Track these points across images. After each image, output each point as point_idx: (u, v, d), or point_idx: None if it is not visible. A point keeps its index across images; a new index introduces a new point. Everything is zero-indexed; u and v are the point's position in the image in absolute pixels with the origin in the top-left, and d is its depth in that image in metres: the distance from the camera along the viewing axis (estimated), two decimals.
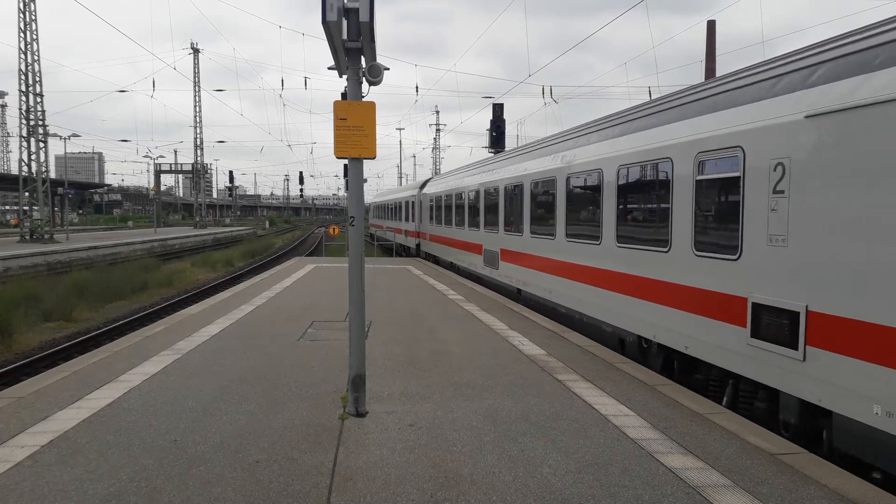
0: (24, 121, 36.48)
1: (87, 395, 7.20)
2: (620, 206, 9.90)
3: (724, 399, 7.54)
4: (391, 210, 42.34)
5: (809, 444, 6.16)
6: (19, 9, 35.45)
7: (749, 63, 7.90)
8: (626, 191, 9.76)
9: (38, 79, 36.25)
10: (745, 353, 6.90)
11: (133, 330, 14.43)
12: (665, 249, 8.53)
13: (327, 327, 11.51)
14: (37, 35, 36.01)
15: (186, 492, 4.78)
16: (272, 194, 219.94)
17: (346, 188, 11.63)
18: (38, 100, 36.48)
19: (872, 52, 5.66)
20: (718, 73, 22.79)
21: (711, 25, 24.24)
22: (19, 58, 35.52)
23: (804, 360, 6.07)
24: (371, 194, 63.78)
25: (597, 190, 10.59)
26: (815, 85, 6.17)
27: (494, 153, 28.42)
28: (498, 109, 31.00)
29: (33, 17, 35.88)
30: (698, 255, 7.82)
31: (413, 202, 32.77)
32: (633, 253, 9.41)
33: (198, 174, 73.82)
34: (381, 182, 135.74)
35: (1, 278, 23.40)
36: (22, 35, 35.60)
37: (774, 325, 6.46)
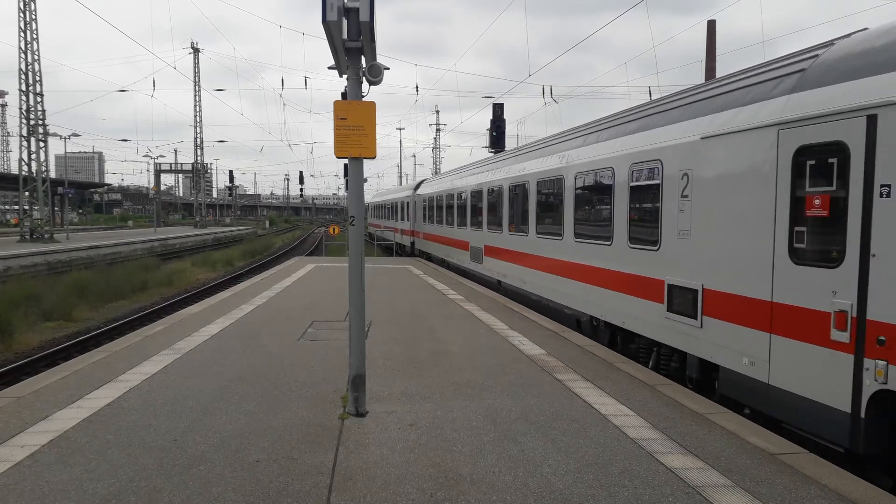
0: (24, 120, 36.49)
1: (87, 394, 7.20)
2: (577, 208, 11.75)
3: (650, 363, 9.18)
4: (388, 210, 43.90)
5: (705, 392, 7.83)
6: (19, 8, 35.46)
7: (747, 63, 9.04)
8: (581, 194, 11.59)
9: (38, 78, 36.26)
10: (663, 324, 8.64)
11: (133, 329, 14.43)
12: (609, 243, 10.29)
13: (327, 327, 11.51)
14: (37, 34, 36.02)
15: (186, 491, 4.78)
16: (272, 194, 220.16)
17: (346, 188, 11.64)
18: (39, 99, 36.49)
19: (746, 91, 7.38)
20: (719, 73, 22.79)
21: (712, 25, 24.24)
22: (19, 57, 35.53)
23: (701, 326, 7.81)
24: (371, 194, 63.84)
25: (560, 194, 12.43)
26: (707, 113, 7.92)
27: (495, 153, 28.46)
28: (498, 109, 31.02)
29: (33, 17, 35.89)
30: (631, 247, 9.57)
31: (408, 203, 34.27)
32: (587, 246, 11.23)
33: (198, 174, 73.83)
34: (381, 181, 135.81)
35: (1, 278, 23.40)
36: (22, 35, 35.61)
37: (682, 301, 8.21)
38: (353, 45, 6.18)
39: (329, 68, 6.82)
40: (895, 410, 5.41)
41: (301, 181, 70.22)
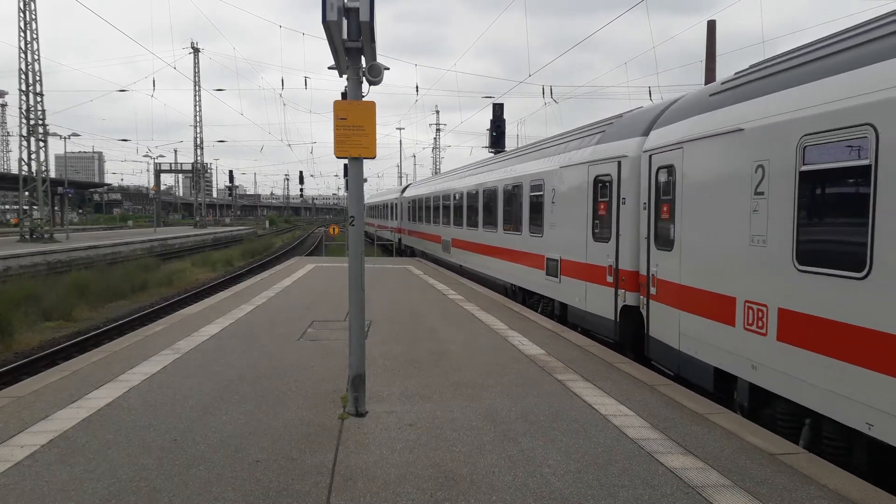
0: (24, 120, 36.49)
1: (86, 394, 7.20)
2: (504, 209, 16.75)
3: (539, 308, 14.07)
4: (380, 210, 49.71)
5: (562, 321, 12.52)
6: (19, 8, 35.45)
7: (747, 62, 10.31)
8: (507, 200, 16.52)
9: (38, 78, 36.26)
10: (544, 283, 13.59)
11: (133, 329, 14.43)
12: (519, 233, 15.37)
13: (327, 327, 11.51)
14: (37, 34, 36.02)
15: (186, 491, 4.78)
16: (272, 194, 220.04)
17: (346, 188, 11.66)
18: (38, 99, 36.49)
19: (580, 141, 12.15)
20: (718, 74, 22.78)
21: (712, 25, 24.21)
22: (19, 57, 35.53)
23: (560, 282, 12.59)
24: (369, 194, 64.19)
25: (496, 199, 17.48)
26: (563, 153, 12.85)
27: (495, 153, 28.50)
28: (498, 109, 31.00)
29: (33, 17, 35.88)
30: (531, 235, 14.43)
31: (397, 204, 39.48)
32: (510, 235, 16.13)
33: (198, 174, 73.82)
34: (381, 181, 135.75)
35: (1, 278, 23.40)
36: (22, 34, 35.60)
37: (552, 267, 13.00)
38: (353, 45, 6.17)
39: (329, 68, 6.82)
40: (629, 316, 9.99)
41: (301, 181, 70.24)
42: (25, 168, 37.50)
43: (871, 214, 5.21)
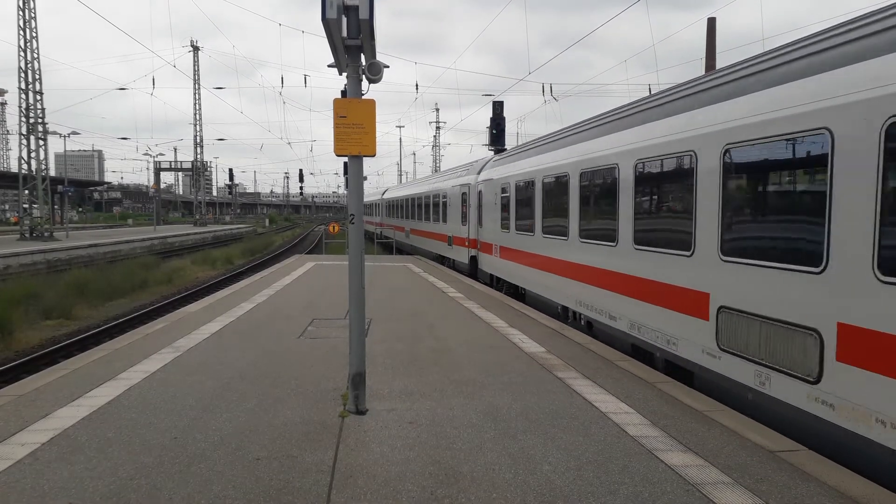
0: (23, 118, 36.45)
1: (87, 392, 7.21)
2: (431, 208, 26.26)
3: (446, 264, 24.27)
4: (366, 208, 60.14)
5: (456, 270, 22.64)
6: (19, 6, 35.41)
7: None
8: (429, 203, 26.63)
9: (37, 76, 36.23)
10: (447, 249, 24.14)
11: (133, 328, 14.44)
12: (437, 223, 25.84)
13: (327, 325, 11.52)
14: (36, 32, 35.99)
15: (186, 489, 4.79)
16: (272, 192, 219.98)
17: (346, 186, 11.68)
18: (38, 97, 36.47)
19: (468, 167, 23.27)
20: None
21: (712, 23, 24.19)
22: (19, 55, 35.49)
23: (451, 248, 23.37)
24: (370, 192, 64.41)
25: (425, 203, 27.40)
26: (452, 178, 24.67)
27: (496, 151, 28.51)
28: (498, 107, 30.90)
29: (32, 15, 35.84)
30: (440, 223, 24.98)
31: (379, 203, 50.80)
32: (433, 224, 26.46)
33: (197, 172, 73.78)
34: (381, 179, 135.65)
35: (1, 276, 23.40)
36: (21, 33, 35.56)
37: (449, 239, 23.46)
38: (352, 42, 6.16)
39: (329, 66, 6.81)
40: (473, 260, 20.46)
41: (301, 179, 70.17)
42: (25, 166, 37.51)
43: (478, 212, 18.33)
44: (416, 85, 46.76)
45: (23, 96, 36.07)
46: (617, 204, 9.65)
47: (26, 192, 38.11)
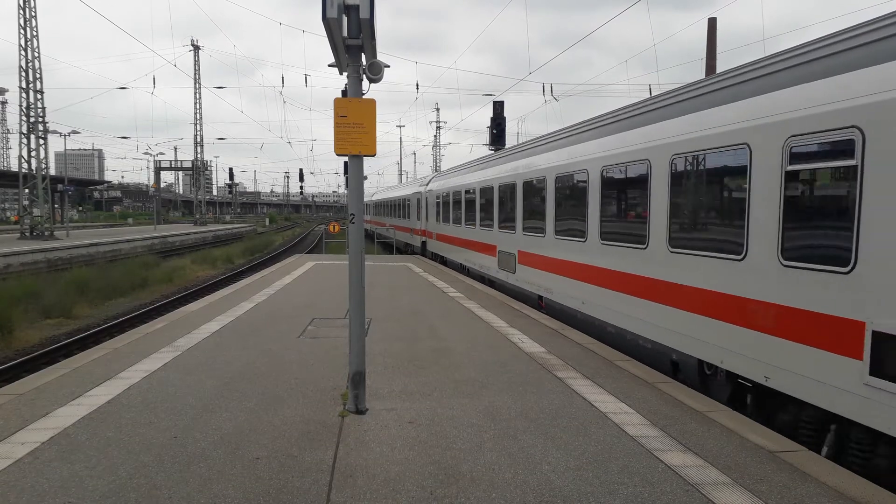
0: (24, 117, 36.45)
1: (87, 391, 7.21)
2: (402, 209, 35.48)
3: (419, 252, 30.55)
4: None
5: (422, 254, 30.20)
6: (19, 5, 35.40)
7: (747, 60, 9.58)
8: (399, 205, 36.58)
9: (38, 75, 36.22)
10: (411, 239, 32.65)
11: (133, 327, 14.44)
12: (406, 219, 34.34)
13: (327, 325, 11.52)
14: (36, 31, 35.97)
15: (186, 488, 4.79)
16: (272, 191, 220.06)
17: (347, 185, 11.66)
18: (39, 96, 36.46)
19: (423, 179, 34.16)
20: (719, 71, 22.74)
21: (712, 23, 24.20)
22: (19, 54, 35.49)
23: (412, 237, 32.57)
24: (370, 192, 65.32)
25: (398, 205, 37.59)
26: (412, 185, 36.02)
27: (496, 150, 28.56)
28: (498, 107, 30.98)
29: (33, 14, 35.83)
30: (406, 220, 33.96)
31: (369, 204, 55.59)
32: (402, 220, 35.73)
33: (198, 171, 73.82)
34: (381, 179, 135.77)
35: (1, 275, 23.40)
36: (22, 31, 35.56)
37: (414, 230, 31.97)
38: (353, 42, 6.16)
39: (329, 66, 6.82)
40: (424, 245, 29.32)
41: (301, 179, 70.31)
42: (25, 165, 37.50)
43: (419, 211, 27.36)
44: (417, 84, 46.81)
45: (23, 95, 36.07)
46: (492, 209, 17.27)
47: (26, 190, 38.12)
